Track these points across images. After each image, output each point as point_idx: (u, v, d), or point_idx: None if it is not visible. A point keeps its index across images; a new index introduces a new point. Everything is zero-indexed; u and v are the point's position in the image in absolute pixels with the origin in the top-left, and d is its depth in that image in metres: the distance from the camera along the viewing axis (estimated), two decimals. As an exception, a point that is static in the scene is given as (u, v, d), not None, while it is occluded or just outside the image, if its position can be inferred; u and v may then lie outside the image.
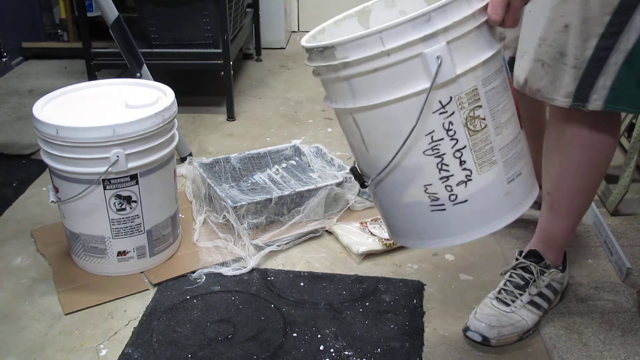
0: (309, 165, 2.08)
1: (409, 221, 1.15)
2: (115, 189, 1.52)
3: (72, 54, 3.27)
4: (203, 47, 2.57)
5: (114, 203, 1.53)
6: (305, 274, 1.65)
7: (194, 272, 1.63)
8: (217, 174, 2.00)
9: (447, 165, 1.07)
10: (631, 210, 1.92)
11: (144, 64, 2.10)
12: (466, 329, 1.44)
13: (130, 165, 1.50)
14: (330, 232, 1.81)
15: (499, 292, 1.48)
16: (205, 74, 3.02)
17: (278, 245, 1.73)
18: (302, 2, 3.75)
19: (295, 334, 1.44)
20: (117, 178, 1.51)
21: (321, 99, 2.91)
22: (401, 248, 1.74)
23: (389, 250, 1.72)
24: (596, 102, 1.23)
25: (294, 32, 3.78)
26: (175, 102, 1.60)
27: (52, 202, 1.55)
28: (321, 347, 1.40)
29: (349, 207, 1.88)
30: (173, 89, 1.64)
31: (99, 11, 2.06)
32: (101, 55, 2.54)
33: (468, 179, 1.08)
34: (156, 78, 1.92)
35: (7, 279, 1.63)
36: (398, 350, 1.40)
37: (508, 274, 1.50)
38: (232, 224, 1.75)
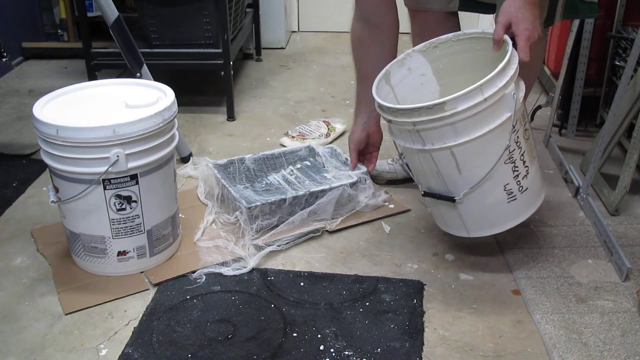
0: (324, 166, 2.08)
1: (490, 215, 1.57)
2: (115, 189, 1.52)
3: (72, 54, 3.27)
4: (203, 47, 2.57)
5: (114, 203, 1.53)
6: (305, 274, 1.65)
7: (194, 272, 1.63)
8: (231, 174, 2.00)
9: (517, 167, 1.49)
10: (631, 210, 1.92)
11: (144, 64, 2.10)
12: None
13: (130, 165, 1.50)
14: (330, 232, 1.81)
15: None
16: (205, 74, 3.02)
17: (278, 245, 1.73)
18: (302, 2, 3.75)
19: (295, 334, 1.44)
20: (117, 178, 1.51)
21: (321, 98, 2.93)
22: (401, 248, 1.75)
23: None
24: (558, 18, 1.72)
25: (294, 32, 3.78)
26: (175, 102, 1.60)
27: (52, 202, 1.55)
28: (321, 347, 1.40)
29: (358, 210, 1.88)
30: (173, 89, 1.64)
31: (99, 11, 2.06)
32: (101, 55, 2.54)
33: (527, 172, 1.52)
34: (156, 78, 1.92)
35: (7, 279, 1.63)
36: (398, 350, 1.40)
37: None
38: (241, 224, 1.75)
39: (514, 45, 1.44)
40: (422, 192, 1.60)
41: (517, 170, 1.50)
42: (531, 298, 1.55)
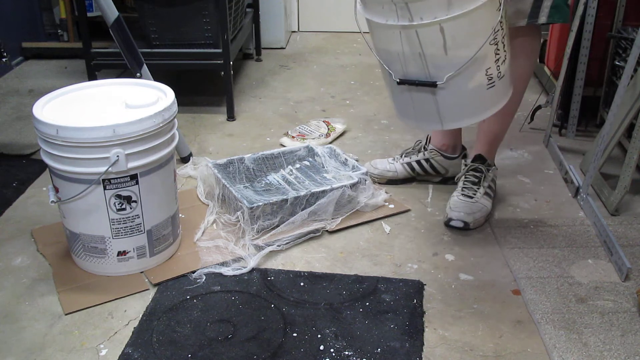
0: (323, 166, 2.09)
1: (468, 103, 1.50)
2: (115, 188, 1.52)
3: (72, 54, 3.27)
4: (203, 47, 2.57)
5: (114, 203, 1.53)
6: (305, 274, 1.65)
7: (194, 272, 1.63)
8: (231, 174, 2.01)
9: (499, 50, 1.45)
10: (631, 210, 1.92)
11: (144, 64, 2.10)
12: (448, 221, 1.83)
13: (130, 165, 1.50)
14: (330, 232, 1.81)
15: (462, 189, 1.90)
16: (205, 74, 3.02)
17: (278, 245, 1.73)
18: (302, 2, 3.75)
19: (295, 334, 1.44)
20: (117, 178, 1.51)
21: (321, 98, 2.93)
22: (401, 248, 1.75)
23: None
24: (542, 17, 1.69)
25: (294, 32, 3.78)
26: (175, 102, 1.60)
27: (52, 202, 1.55)
28: (321, 347, 1.40)
29: (358, 210, 1.88)
30: (173, 89, 1.64)
31: (99, 11, 2.06)
32: (101, 55, 2.54)
33: (505, 57, 1.49)
34: (156, 78, 1.92)
35: (7, 279, 1.63)
36: (398, 350, 1.40)
37: (464, 176, 1.93)
38: (241, 225, 1.75)
39: None
40: (397, 80, 1.50)
41: (499, 54, 1.46)
42: (531, 298, 1.55)
